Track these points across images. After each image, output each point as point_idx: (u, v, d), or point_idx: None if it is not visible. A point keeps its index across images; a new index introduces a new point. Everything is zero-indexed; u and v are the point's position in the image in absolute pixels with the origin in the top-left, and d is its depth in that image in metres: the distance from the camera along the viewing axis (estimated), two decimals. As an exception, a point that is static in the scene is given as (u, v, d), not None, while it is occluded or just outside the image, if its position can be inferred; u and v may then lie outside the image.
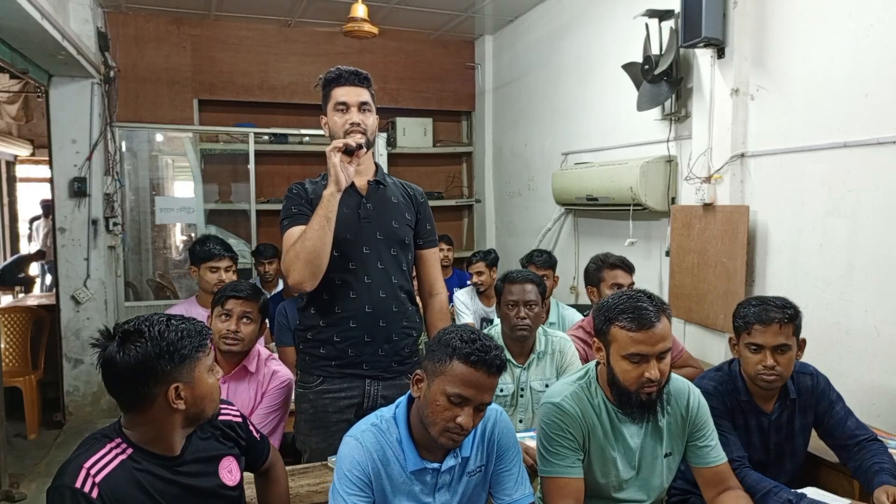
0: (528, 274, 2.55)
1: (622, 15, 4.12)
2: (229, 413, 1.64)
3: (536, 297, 2.48)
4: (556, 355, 2.56)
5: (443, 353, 1.53)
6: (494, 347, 1.54)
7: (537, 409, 2.51)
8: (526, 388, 2.52)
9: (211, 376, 1.50)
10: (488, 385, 1.52)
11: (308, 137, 6.18)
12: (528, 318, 2.44)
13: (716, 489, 1.80)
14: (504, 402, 2.50)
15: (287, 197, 2.21)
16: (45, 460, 4.14)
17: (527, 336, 2.48)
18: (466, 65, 6.56)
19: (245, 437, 1.65)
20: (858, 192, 2.71)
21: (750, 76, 3.20)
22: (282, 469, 1.83)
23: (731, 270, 3.23)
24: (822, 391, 2.11)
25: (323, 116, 2.31)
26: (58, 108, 4.64)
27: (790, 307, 2.00)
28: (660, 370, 1.65)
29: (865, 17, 2.66)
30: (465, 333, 1.55)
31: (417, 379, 1.59)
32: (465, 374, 1.49)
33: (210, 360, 1.50)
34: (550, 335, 2.60)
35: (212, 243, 3.13)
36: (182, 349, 1.41)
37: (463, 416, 1.50)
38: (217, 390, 1.52)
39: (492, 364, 1.51)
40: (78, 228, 4.73)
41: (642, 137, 4.04)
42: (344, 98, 2.23)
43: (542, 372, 2.54)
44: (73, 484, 1.31)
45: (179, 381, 1.41)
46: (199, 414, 1.48)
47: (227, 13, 5.56)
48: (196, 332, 1.47)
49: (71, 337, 4.76)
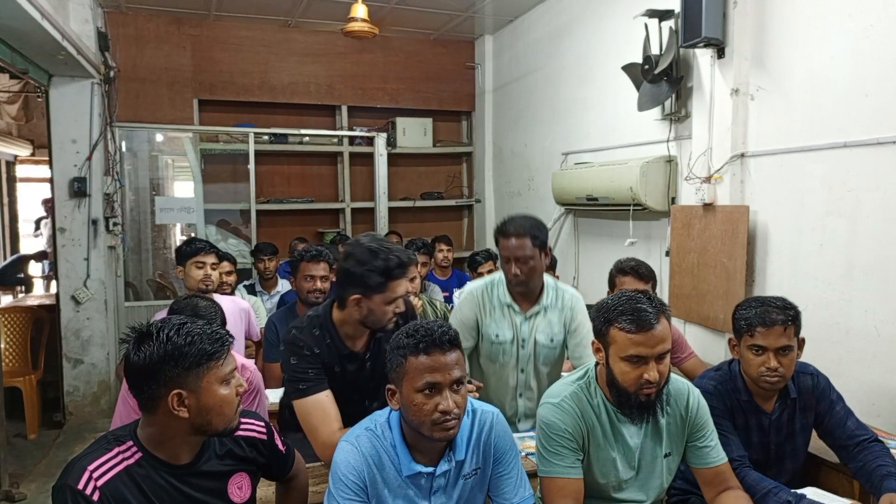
0: (519, 226, 2.36)
1: (622, 15, 4.12)
2: (254, 429, 1.60)
3: (531, 252, 2.34)
4: (567, 312, 2.48)
5: (397, 357, 1.56)
6: (438, 327, 1.56)
7: (542, 367, 2.49)
8: (529, 339, 2.46)
9: (225, 388, 1.43)
10: (450, 362, 1.54)
11: (308, 137, 6.19)
12: (520, 274, 2.35)
13: (716, 489, 1.80)
14: (501, 349, 2.46)
15: (297, 353, 1.97)
16: (45, 460, 4.14)
17: (522, 291, 2.42)
18: (466, 65, 6.56)
19: (266, 454, 1.61)
20: (858, 192, 2.71)
21: (750, 76, 3.20)
22: (304, 479, 1.81)
23: (731, 270, 3.22)
24: (823, 391, 2.10)
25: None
26: (58, 108, 4.64)
27: (791, 308, 1.99)
28: (659, 371, 1.65)
29: (865, 17, 2.66)
30: (407, 330, 1.58)
31: (391, 393, 1.59)
32: (424, 363, 1.52)
33: (226, 370, 1.43)
34: (562, 291, 2.51)
35: (198, 241, 3.11)
36: (189, 355, 1.38)
37: (442, 400, 1.51)
38: (230, 405, 1.44)
39: (441, 342, 1.53)
40: (78, 228, 4.73)
41: (642, 137, 4.04)
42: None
43: (549, 326, 2.46)
44: (75, 485, 1.31)
45: (184, 388, 1.38)
46: (204, 425, 1.42)
47: (227, 13, 5.56)
48: (212, 339, 1.42)
49: (71, 337, 4.76)
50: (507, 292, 2.47)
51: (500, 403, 2.44)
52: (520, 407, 2.53)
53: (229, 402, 1.44)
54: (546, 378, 2.51)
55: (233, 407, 1.46)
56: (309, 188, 6.36)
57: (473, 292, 2.53)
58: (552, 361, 2.52)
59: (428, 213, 6.70)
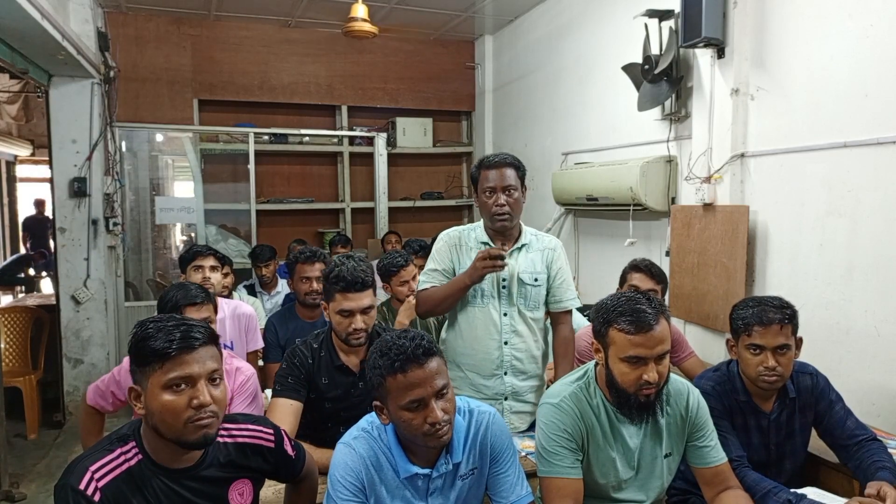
0: (505, 156, 2.36)
1: (622, 15, 4.12)
2: (261, 437, 1.56)
3: (516, 182, 2.32)
4: (547, 252, 2.43)
5: (377, 377, 1.52)
6: (410, 339, 1.50)
7: (526, 311, 2.40)
8: (511, 278, 2.37)
9: (168, 394, 1.33)
10: (429, 374, 1.49)
11: (308, 137, 6.19)
12: (507, 205, 2.30)
13: (716, 489, 1.80)
14: (480, 290, 2.37)
15: (288, 360, 2.17)
16: (45, 460, 4.14)
17: (507, 225, 2.34)
18: (466, 65, 6.56)
19: (273, 461, 1.58)
20: (858, 192, 2.71)
21: (750, 76, 3.20)
22: (314, 481, 1.78)
23: (731, 270, 3.22)
24: (822, 391, 2.10)
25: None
26: (58, 108, 4.64)
27: (788, 307, 1.99)
28: (658, 372, 1.65)
29: (865, 18, 2.66)
30: (379, 348, 1.53)
31: (378, 409, 1.57)
32: (402, 382, 1.48)
33: (171, 375, 1.33)
34: (542, 234, 2.49)
35: (196, 246, 3.14)
36: (140, 351, 1.36)
37: (429, 413, 1.48)
38: (173, 414, 1.33)
39: (416, 357, 1.48)
40: (78, 228, 4.73)
41: (642, 137, 4.04)
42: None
43: (532, 264, 2.39)
44: (77, 485, 1.32)
45: (139, 385, 1.37)
46: (158, 431, 1.36)
47: (227, 13, 5.56)
48: (169, 338, 1.35)
49: (71, 337, 4.76)
50: (485, 233, 2.41)
51: (485, 354, 2.39)
52: (505, 356, 2.39)
53: (171, 411, 1.33)
54: (533, 325, 2.43)
55: (178, 418, 1.33)
56: (309, 188, 6.36)
57: (449, 234, 2.47)
58: (537, 304, 2.43)
59: (428, 214, 6.70)
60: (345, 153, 6.31)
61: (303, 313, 3.23)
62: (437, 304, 2.38)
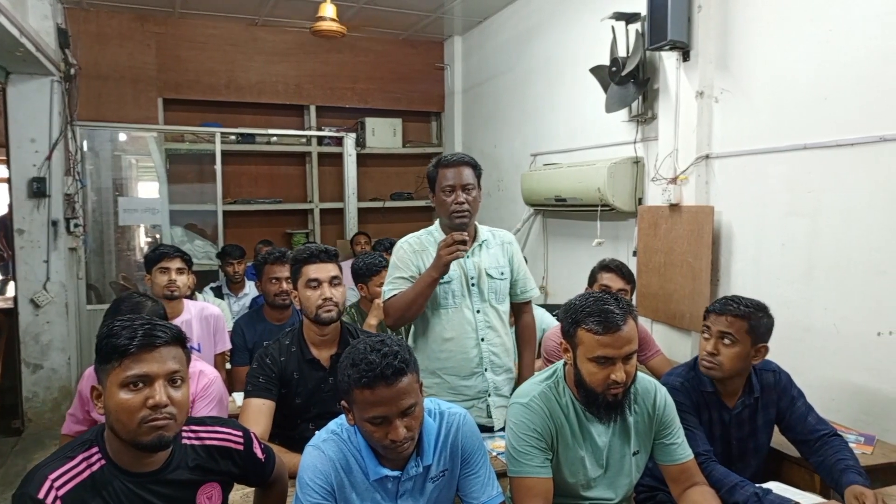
0: (462, 156, 2.40)
1: (590, 17, 4.16)
2: (230, 440, 1.53)
3: (474, 181, 2.35)
4: (506, 246, 2.50)
5: (345, 383, 1.49)
6: (382, 357, 1.44)
7: (496, 305, 2.44)
8: (478, 274, 2.41)
9: (125, 393, 1.30)
10: (397, 393, 1.45)
11: (276, 137, 6.12)
12: (466, 203, 2.32)
13: (682, 485, 1.82)
14: (450, 290, 2.38)
15: (259, 360, 2.18)
16: (3, 469, 4.02)
17: (466, 223, 2.35)
18: (436, 65, 6.56)
19: (242, 464, 1.55)
20: (819, 192, 2.77)
21: (714, 79, 3.26)
22: (284, 485, 1.75)
23: (696, 270, 3.28)
24: (784, 387, 2.16)
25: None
26: (16, 106, 4.50)
27: (751, 307, 2.04)
28: (626, 372, 1.67)
29: (825, 23, 2.73)
30: (351, 357, 1.49)
31: (346, 409, 1.55)
32: (368, 397, 1.45)
33: (130, 373, 1.30)
34: (495, 230, 2.54)
35: (163, 246, 3.05)
36: (102, 347, 1.33)
37: (391, 430, 1.46)
38: (127, 413, 1.30)
39: (385, 376, 1.43)
40: (37, 230, 4.59)
41: (610, 139, 4.08)
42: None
43: (495, 259, 2.45)
44: (35, 494, 1.27)
45: (101, 383, 1.35)
46: (113, 429, 1.33)
47: (192, 10, 5.47)
48: (131, 335, 1.32)
49: (30, 341, 4.63)
50: (443, 234, 2.41)
51: (463, 355, 2.38)
52: (483, 353, 2.40)
53: (126, 410, 1.30)
54: (504, 318, 2.47)
55: (132, 417, 1.30)
56: (277, 189, 6.29)
57: (409, 241, 2.47)
58: (504, 297, 2.48)
59: (398, 214, 6.68)
60: (313, 153, 6.26)
61: (271, 315, 3.19)
62: (408, 307, 2.35)
